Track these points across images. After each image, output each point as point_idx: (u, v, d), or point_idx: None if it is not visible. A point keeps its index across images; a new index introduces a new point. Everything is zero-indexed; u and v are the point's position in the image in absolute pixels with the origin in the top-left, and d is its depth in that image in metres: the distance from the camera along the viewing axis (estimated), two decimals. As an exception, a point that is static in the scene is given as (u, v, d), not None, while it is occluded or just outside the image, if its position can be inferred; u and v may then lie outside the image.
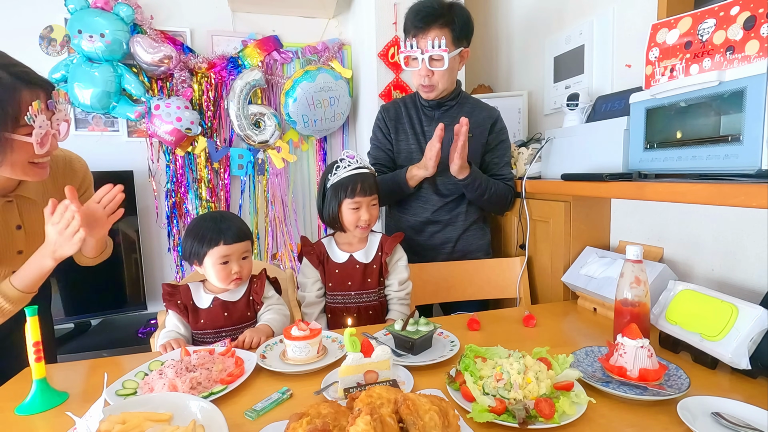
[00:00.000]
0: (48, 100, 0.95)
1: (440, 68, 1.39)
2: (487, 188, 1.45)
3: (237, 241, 1.14)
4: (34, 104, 0.90)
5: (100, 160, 2.15)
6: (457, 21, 1.37)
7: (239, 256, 1.15)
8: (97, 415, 0.62)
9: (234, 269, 1.13)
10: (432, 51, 1.36)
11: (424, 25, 1.36)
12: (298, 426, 0.62)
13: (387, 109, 1.57)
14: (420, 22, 1.36)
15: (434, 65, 1.39)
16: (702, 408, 0.73)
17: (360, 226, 1.27)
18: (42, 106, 0.92)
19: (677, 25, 1.05)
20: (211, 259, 1.12)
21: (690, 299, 0.96)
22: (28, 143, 0.91)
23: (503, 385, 0.76)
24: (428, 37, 1.36)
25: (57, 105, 0.97)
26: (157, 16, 2.16)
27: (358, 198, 1.24)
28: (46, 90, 0.95)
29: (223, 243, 1.12)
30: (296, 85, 2.17)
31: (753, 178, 0.85)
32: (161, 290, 1.17)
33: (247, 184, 2.38)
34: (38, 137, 0.91)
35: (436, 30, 1.36)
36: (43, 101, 0.94)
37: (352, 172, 1.25)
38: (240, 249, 1.15)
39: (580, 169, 1.31)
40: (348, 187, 1.24)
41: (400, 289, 1.33)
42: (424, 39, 1.37)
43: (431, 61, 1.38)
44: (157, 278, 2.28)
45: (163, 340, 1.09)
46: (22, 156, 0.93)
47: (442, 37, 1.36)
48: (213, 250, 1.12)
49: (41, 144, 0.93)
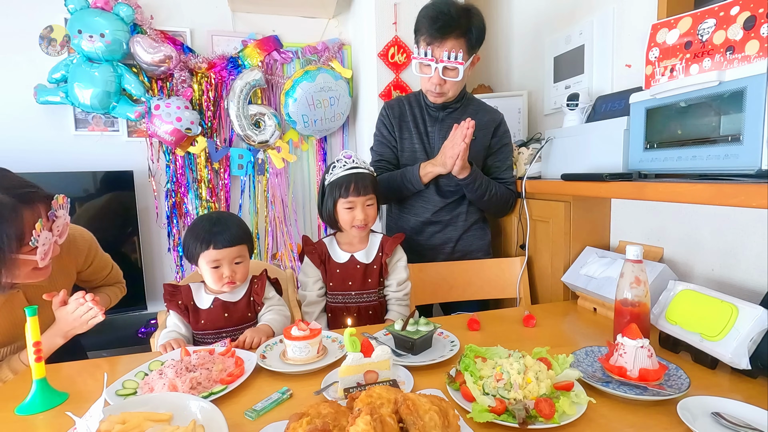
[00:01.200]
0: (48, 212, 0.98)
1: (454, 79, 1.38)
2: (488, 189, 1.45)
3: (228, 246, 1.12)
4: (37, 227, 0.92)
5: (100, 160, 2.17)
6: (474, 30, 1.35)
7: (231, 260, 1.14)
8: (97, 415, 0.62)
9: (225, 273, 1.13)
10: (447, 62, 1.35)
11: (440, 35, 1.33)
12: (298, 426, 0.62)
13: (391, 106, 1.56)
14: (437, 32, 1.33)
15: (448, 75, 1.38)
16: (702, 408, 0.73)
17: (356, 226, 1.26)
18: (43, 221, 0.94)
19: (677, 25, 1.05)
20: (203, 261, 1.13)
21: (690, 299, 0.96)
22: (32, 259, 0.94)
23: (503, 385, 0.76)
24: (444, 48, 1.34)
25: (56, 212, 0.99)
26: (157, 16, 2.16)
27: (352, 197, 1.24)
28: (47, 204, 0.98)
29: (213, 247, 1.11)
30: (296, 85, 2.17)
31: (753, 178, 0.85)
32: (162, 290, 1.17)
33: (247, 184, 2.38)
34: (42, 254, 0.94)
35: (452, 41, 1.34)
36: (44, 216, 0.96)
37: (347, 172, 1.25)
38: (231, 254, 1.13)
39: (580, 169, 1.31)
40: (342, 186, 1.24)
41: (398, 290, 1.33)
42: (440, 49, 1.35)
43: (445, 71, 1.37)
44: (157, 278, 2.28)
45: (164, 340, 1.09)
46: (26, 269, 0.96)
47: (459, 50, 1.34)
48: (204, 253, 1.12)
49: (44, 258, 0.96)
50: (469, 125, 1.29)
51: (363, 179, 1.26)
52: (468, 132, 1.29)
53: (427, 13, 1.36)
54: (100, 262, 1.29)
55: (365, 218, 1.26)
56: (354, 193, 1.24)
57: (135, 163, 2.19)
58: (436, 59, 1.36)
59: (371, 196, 1.27)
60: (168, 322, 1.16)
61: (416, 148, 1.52)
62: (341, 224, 1.28)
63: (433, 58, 1.36)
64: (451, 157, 1.34)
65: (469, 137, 1.29)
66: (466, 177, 1.40)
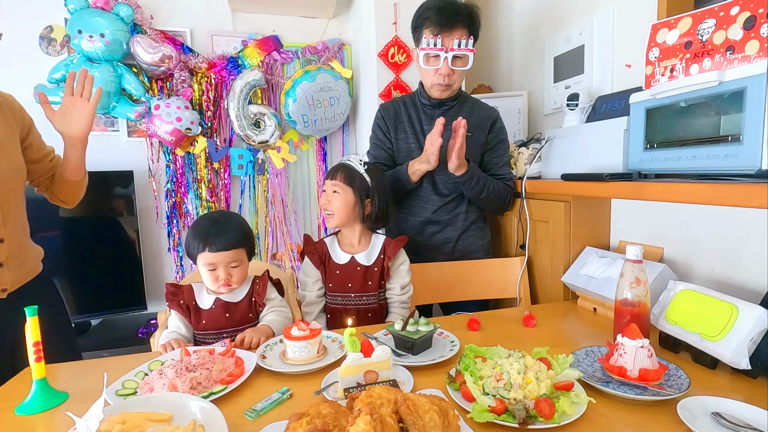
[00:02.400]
0: None
1: (462, 67, 1.39)
2: (485, 186, 1.45)
3: (224, 249, 1.11)
4: None
5: (100, 160, 2.16)
6: (476, 21, 1.39)
7: (227, 264, 1.13)
8: (97, 415, 0.62)
9: (220, 276, 1.12)
10: (457, 50, 1.36)
11: (450, 24, 1.35)
12: (298, 426, 0.62)
13: (386, 108, 1.57)
14: (446, 20, 1.35)
15: (456, 64, 1.39)
16: (702, 408, 0.73)
17: (324, 209, 1.29)
18: None
19: (677, 25, 1.05)
20: (200, 261, 1.13)
21: (690, 299, 0.96)
22: None
23: (503, 385, 0.76)
24: (454, 36, 1.36)
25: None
26: (157, 16, 2.16)
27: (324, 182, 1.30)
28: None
29: (208, 250, 1.11)
30: (296, 85, 2.17)
31: (753, 178, 0.85)
32: (162, 290, 1.17)
33: (247, 184, 2.38)
34: None
35: (461, 29, 1.36)
36: None
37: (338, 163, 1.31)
38: (227, 258, 1.12)
39: (580, 169, 1.31)
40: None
41: (402, 293, 1.32)
42: (450, 37, 1.36)
43: (454, 60, 1.38)
44: (157, 278, 2.28)
45: (164, 340, 1.09)
46: None
47: (470, 37, 1.37)
48: (201, 254, 1.12)
49: None
50: (442, 122, 1.31)
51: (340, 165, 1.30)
52: (460, 132, 1.30)
53: (433, 4, 1.38)
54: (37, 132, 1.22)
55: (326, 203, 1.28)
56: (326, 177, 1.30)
57: (135, 163, 2.19)
58: (446, 48, 1.36)
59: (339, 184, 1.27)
60: (169, 322, 1.16)
61: (412, 147, 1.52)
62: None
63: (442, 48, 1.37)
64: (432, 153, 1.35)
65: (462, 136, 1.31)
66: (463, 174, 1.40)
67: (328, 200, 1.27)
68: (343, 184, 1.26)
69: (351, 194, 1.26)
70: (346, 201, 1.26)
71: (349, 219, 1.28)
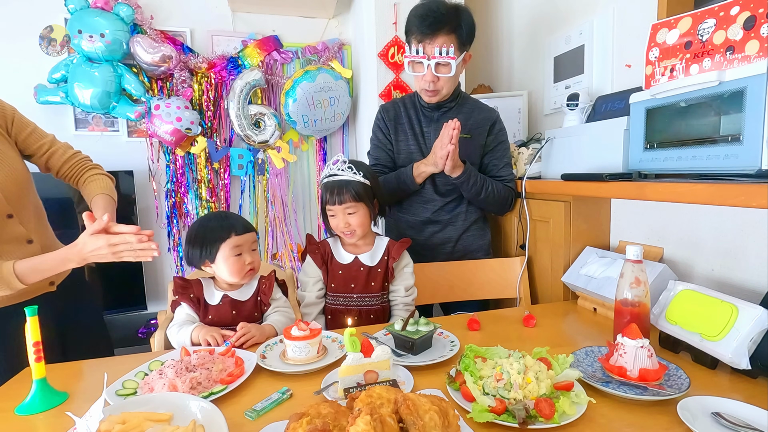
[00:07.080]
0: None
1: (446, 74, 1.38)
2: (483, 187, 1.45)
3: (247, 231, 1.17)
4: None
5: (100, 160, 2.13)
6: (464, 26, 1.36)
7: (250, 246, 1.18)
8: (97, 415, 0.62)
9: (247, 260, 1.16)
10: (439, 58, 1.35)
11: (431, 32, 1.34)
12: (298, 426, 0.62)
13: (386, 109, 1.57)
14: (427, 29, 1.34)
15: (440, 71, 1.38)
16: (702, 408, 0.73)
17: (342, 232, 1.26)
18: None
19: (677, 25, 1.05)
20: (223, 253, 1.13)
21: (690, 299, 0.96)
22: None
23: (503, 385, 0.76)
24: (435, 44, 1.34)
25: None
26: (157, 16, 2.16)
27: (329, 206, 1.25)
28: None
29: (234, 234, 1.14)
30: (296, 85, 2.17)
31: (753, 178, 0.85)
32: (163, 290, 1.17)
33: (247, 184, 2.38)
34: None
35: (443, 36, 1.34)
36: None
37: (329, 179, 1.25)
38: (249, 239, 1.18)
39: (580, 169, 1.31)
40: (325, 194, 1.25)
41: (406, 295, 1.32)
42: (431, 45, 1.35)
43: (438, 67, 1.37)
44: (157, 278, 2.27)
45: (179, 331, 1.09)
46: None
47: (450, 44, 1.34)
48: (225, 242, 1.13)
49: None
50: (455, 125, 1.29)
51: (341, 186, 1.22)
52: (454, 133, 1.29)
53: (417, 12, 1.37)
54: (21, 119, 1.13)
55: (346, 226, 1.24)
56: (330, 202, 1.24)
57: (135, 163, 2.19)
58: (428, 56, 1.36)
59: (351, 204, 1.22)
60: (178, 314, 1.16)
61: (412, 149, 1.52)
62: (332, 228, 1.29)
63: (425, 55, 1.37)
64: (441, 158, 1.35)
65: (456, 138, 1.30)
66: (460, 175, 1.40)
67: (347, 223, 1.23)
68: (355, 203, 1.24)
69: (364, 207, 1.26)
70: (364, 214, 1.26)
71: (369, 227, 1.30)
